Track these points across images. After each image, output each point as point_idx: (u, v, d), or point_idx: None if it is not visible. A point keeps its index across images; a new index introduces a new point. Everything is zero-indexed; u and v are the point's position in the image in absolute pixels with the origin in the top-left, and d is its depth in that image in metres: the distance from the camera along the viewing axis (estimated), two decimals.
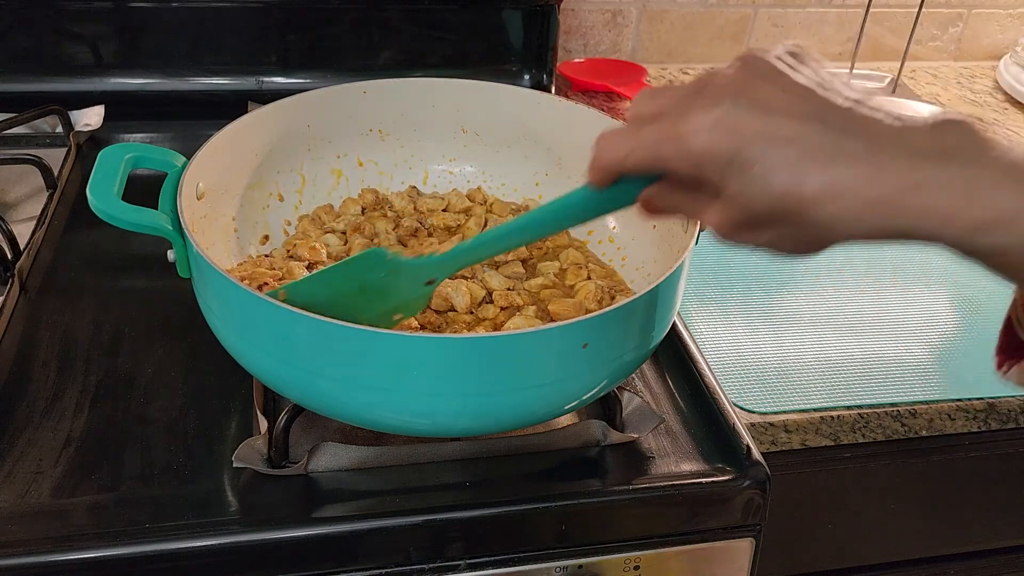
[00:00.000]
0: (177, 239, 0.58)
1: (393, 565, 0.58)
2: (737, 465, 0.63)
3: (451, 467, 0.61)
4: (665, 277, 0.56)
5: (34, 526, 0.55)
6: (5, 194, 0.88)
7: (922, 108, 1.24)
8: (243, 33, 1.04)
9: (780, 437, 0.73)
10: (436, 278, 0.58)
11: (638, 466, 0.63)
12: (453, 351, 0.52)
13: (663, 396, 0.69)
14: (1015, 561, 0.93)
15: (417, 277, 0.57)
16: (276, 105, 0.73)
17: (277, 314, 0.52)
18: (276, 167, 0.75)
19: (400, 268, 0.57)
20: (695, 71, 1.34)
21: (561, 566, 0.60)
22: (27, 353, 0.69)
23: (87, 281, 0.77)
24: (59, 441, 0.61)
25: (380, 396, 0.53)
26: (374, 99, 0.79)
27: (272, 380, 0.58)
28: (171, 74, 1.04)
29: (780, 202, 0.38)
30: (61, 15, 0.99)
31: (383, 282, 0.57)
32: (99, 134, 0.99)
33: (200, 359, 0.69)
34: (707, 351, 0.77)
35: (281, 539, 0.56)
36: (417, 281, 0.57)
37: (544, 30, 1.10)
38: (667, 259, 0.70)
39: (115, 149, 0.61)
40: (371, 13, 1.05)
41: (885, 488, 0.83)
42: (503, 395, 0.54)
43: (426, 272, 0.57)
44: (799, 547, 0.85)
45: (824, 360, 0.78)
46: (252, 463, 0.58)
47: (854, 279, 0.89)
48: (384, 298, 0.58)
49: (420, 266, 0.57)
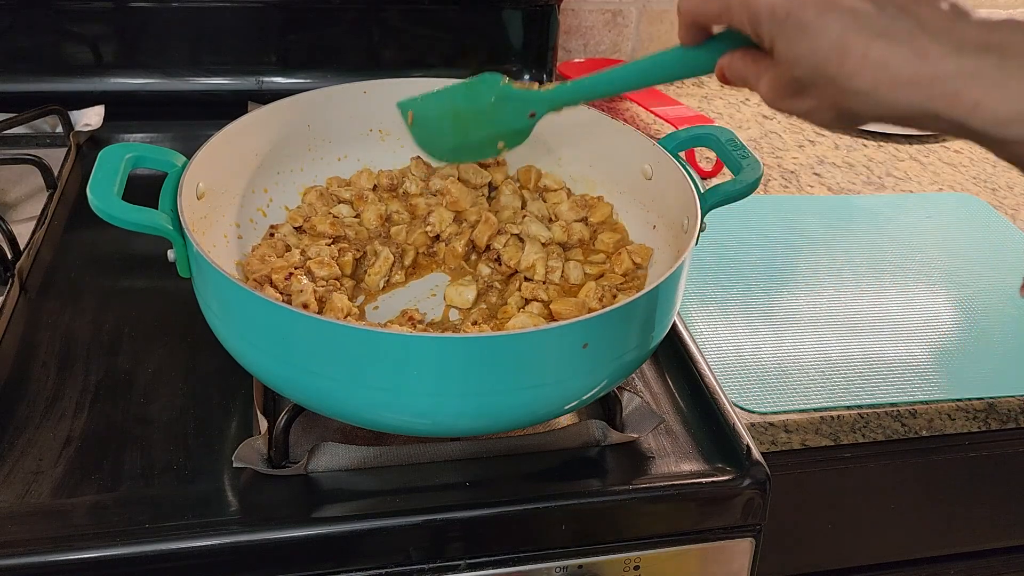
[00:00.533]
0: (177, 239, 0.58)
1: (393, 565, 0.58)
2: (737, 465, 0.63)
3: (451, 467, 0.61)
4: (665, 277, 0.56)
5: (34, 526, 0.55)
6: (5, 194, 0.88)
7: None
8: (243, 33, 1.04)
9: (780, 437, 0.73)
10: (537, 112, 0.61)
11: (638, 466, 0.63)
12: (453, 351, 0.52)
13: (663, 396, 0.69)
14: (1015, 561, 0.93)
15: (522, 108, 0.61)
16: (276, 105, 0.73)
17: (277, 314, 0.52)
18: (276, 167, 0.75)
19: (508, 96, 0.62)
20: None
21: (561, 566, 0.60)
22: (27, 353, 0.69)
23: (87, 281, 0.77)
24: (59, 441, 0.61)
25: (380, 396, 0.53)
26: (374, 99, 0.79)
27: (272, 380, 0.58)
28: (171, 74, 1.04)
29: (821, 66, 0.41)
30: (61, 15, 0.99)
31: (492, 107, 0.62)
32: (99, 134, 0.99)
33: (200, 359, 0.69)
34: (707, 351, 0.77)
35: (281, 539, 0.56)
36: (522, 112, 0.61)
37: (544, 30, 1.10)
38: (667, 259, 0.70)
39: (115, 149, 0.61)
40: (371, 13, 1.05)
41: (885, 488, 0.83)
42: (503, 395, 0.54)
43: (530, 104, 0.61)
44: (799, 547, 0.85)
45: (824, 360, 0.78)
46: (252, 463, 0.58)
47: (854, 279, 0.89)
48: (491, 123, 0.63)
49: (525, 98, 0.61)
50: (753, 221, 0.97)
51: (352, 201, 0.77)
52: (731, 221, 0.96)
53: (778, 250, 0.93)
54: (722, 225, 0.94)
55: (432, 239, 0.74)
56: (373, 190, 0.79)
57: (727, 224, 0.95)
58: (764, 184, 1.05)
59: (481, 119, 0.63)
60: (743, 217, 0.97)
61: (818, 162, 1.12)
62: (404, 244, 0.74)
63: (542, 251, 0.72)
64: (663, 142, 0.71)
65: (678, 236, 0.67)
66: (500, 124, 0.63)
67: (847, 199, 1.04)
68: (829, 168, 1.11)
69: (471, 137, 0.64)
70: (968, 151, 1.18)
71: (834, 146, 1.16)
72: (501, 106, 0.62)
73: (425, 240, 0.74)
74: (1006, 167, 1.14)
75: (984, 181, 1.11)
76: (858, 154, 1.15)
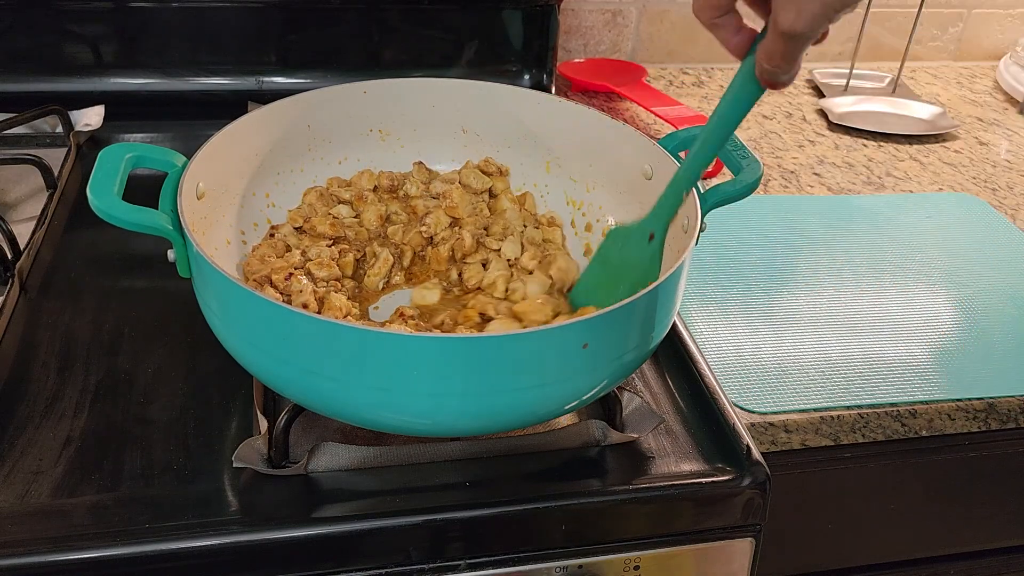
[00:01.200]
0: (177, 239, 0.58)
1: (393, 565, 0.58)
2: (737, 465, 0.63)
3: (451, 467, 0.61)
4: (665, 277, 0.56)
5: (34, 526, 0.55)
6: (5, 194, 0.88)
7: (922, 110, 1.24)
8: (243, 33, 1.04)
9: (780, 437, 0.73)
10: (655, 231, 0.61)
11: (638, 466, 0.63)
12: (453, 351, 0.52)
13: (663, 396, 0.69)
14: (1015, 561, 0.93)
15: (641, 237, 0.62)
16: (276, 105, 0.73)
17: (277, 314, 0.52)
18: (276, 167, 0.75)
19: (628, 234, 0.63)
20: (695, 71, 1.34)
21: (561, 566, 0.60)
22: (27, 353, 0.69)
23: (87, 281, 0.77)
24: (59, 441, 0.61)
25: (380, 396, 0.53)
26: (374, 99, 0.79)
27: (272, 380, 0.58)
28: (171, 74, 1.04)
29: None
30: (61, 15, 0.99)
31: (622, 254, 0.63)
32: (99, 134, 0.99)
33: (200, 359, 0.69)
34: (707, 351, 0.77)
35: (281, 539, 0.56)
36: (642, 242, 0.62)
37: (544, 30, 1.10)
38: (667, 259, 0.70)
39: (115, 149, 0.61)
40: (371, 13, 1.05)
41: (885, 488, 0.83)
42: (503, 395, 0.54)
43: (645, 228, 0.62)
44: (799, 547, 0.85)
45: (824, 360, 0.78)
46: (252, 463, 0.58)
47: (854, 279, 0.89)
48: (630, 270, 0.63)
49: (640, 226, 0.62)
50: (753, 221, 0.97)
51: (352, 202, 0.77)
52: (731, 221, 0.96)
53: (778, 250, 0.93)
54: (722, 225, 0.94)
55: (427, 240, 0.75)
56: (374, 191, 0.79)
57: (727, 224, 0.95)
58: (764, 184, 1.05)
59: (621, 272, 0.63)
60: (743, 217, 0.97)
61: (818, 162, 1.12)
62: (400, 243, 0.74)
63: (507, 269, 0.71)
64: (663, 142, 0.71)
65: (678, 236, 0.67)
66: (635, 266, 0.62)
67: (847, 199, 1.04)
68: (829, 168, 1.11)
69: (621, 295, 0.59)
70: (968, 151, 1.18)
71: (834, 146, 1.16)
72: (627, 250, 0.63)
73: (420, 241, 0.74)
74: (1006, 167, 1.14)
75: (984, 181, 1.11)
76: (858, 154, 1.15)
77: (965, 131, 1.23)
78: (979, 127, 1.25)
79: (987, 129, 1.24)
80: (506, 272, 0.71)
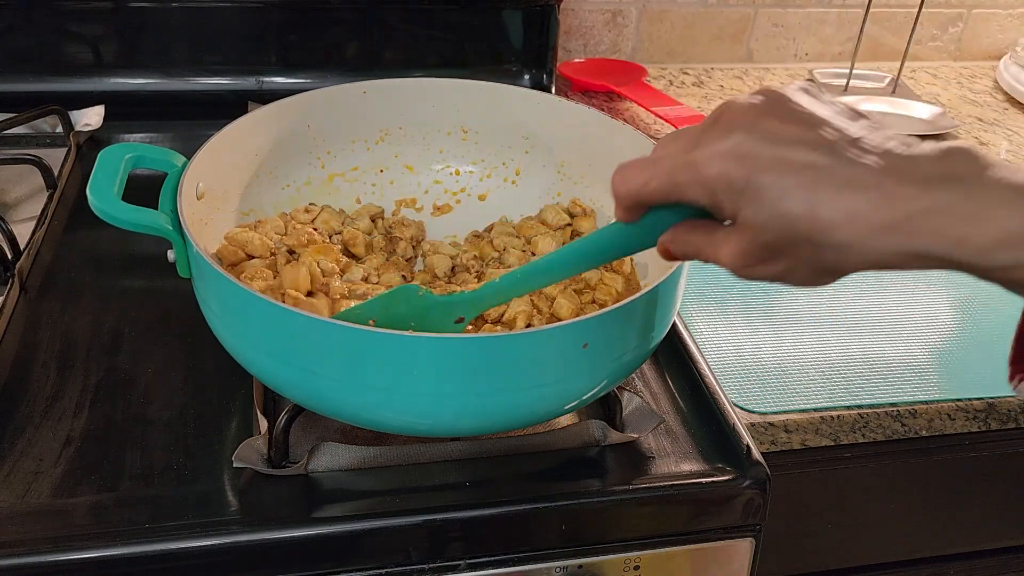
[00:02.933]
0: (177, 239, 0.58)
1: (393, 565, 0.58)
2: (737, 465, 0.63)
3: (451, 467, 0.61)
4: (665, 277, 0.56)
5: (34, 526, 0.55)
6: (5, 194, 0.88)
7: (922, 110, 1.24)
8: (243, 33, 1.04)
9: (780, 437, 0.73)
10: (465, 317, 0.59)
11: (638, 466, 0.63)
12: (453, 351, 0.52)
13: (663, 396, 0.69)
14: (1015, 561, 0.93)
15: (447, 314, 0.59)
16: (276, 105, 0.73)
17: (277, 314, 0.52)
18: (276, 167, 0.75)
19: (430, 305, 0.59)
20: (695, 71, 1.34)
21: (561, 566, 0.60)
22: (27, 353, 0.69)
23: (87, 281, 0.77)
24: (59, 441, 0.61)
25: (380, 396, 0.53)
26: (374, 99, 0.79)
27: (272, 380, 0.58)
28: (171, 74, 1.04)
29: (794, 227, 0.39)
30: (61, 15, 0.99)
31: (418, 315, 0.59)
32: (99, 134, 0.99)
33: (200, 359, 0.69)
34: (707, 351, 0.77)
35: (281, 539, 0.56)
36: (448, 318, 0.59)
37: (544, 30, 1.10)
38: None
39: (115, 149, 0.61)
40: (371, 13, 1.05)
41: (885, 488, 0.83)
42: (503, 395, 0.54)
43: (456, 310, 0.59)
44: (799, 547, 0.85)
45: (824, 360, 0.78)
46: (252, 463, 0.58)
47: (854, 279, 0.89)
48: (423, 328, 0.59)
49: (449, 304, 0.59)
50: None
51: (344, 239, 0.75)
52: None
53: None
54: None
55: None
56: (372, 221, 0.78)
57: None
58: None
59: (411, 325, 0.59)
60: None
61: None
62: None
63: (528, 305, 0.67)
64: None
65: None
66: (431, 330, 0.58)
67: None
68: None
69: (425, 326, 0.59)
70: None
71: None
72: (426, 315, 0.59)
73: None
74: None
75: None
76: None
77: (965, 131, 1.23)
78: (979, 127, 1.25)
79: (987, 129, 1.24)
80: (528, 309, 0.66)
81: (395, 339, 0.51)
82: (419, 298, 0.59)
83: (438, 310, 0.59)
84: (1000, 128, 1.25)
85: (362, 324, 0.54)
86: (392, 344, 0.51)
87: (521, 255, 0.73)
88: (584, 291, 0.69)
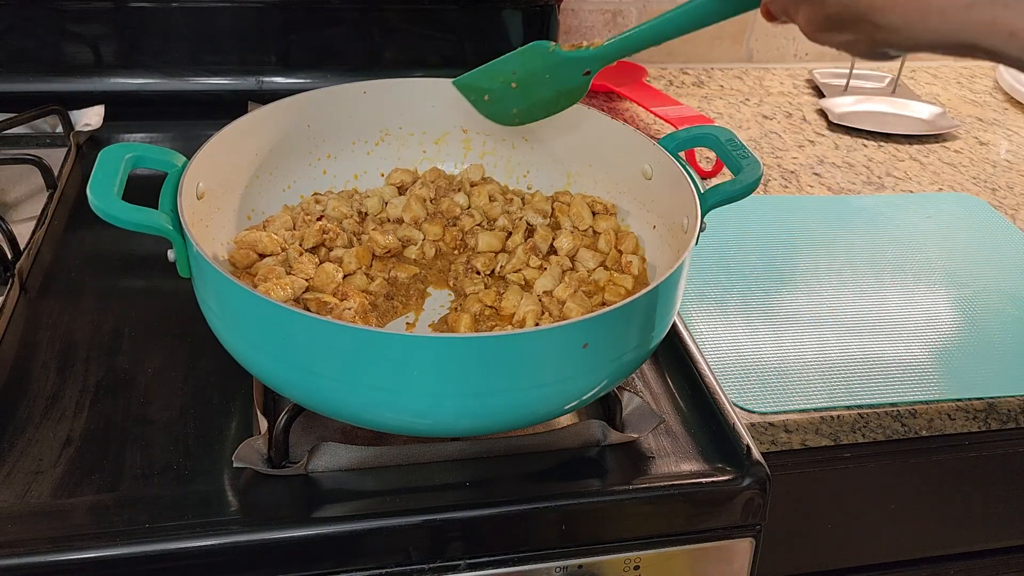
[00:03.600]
0: (177, 239, 0.58)
1: (393, 565, 0.58)
2: (737, 465, 0.63)
3: (451, 467, 0.61)
4: (665, 277, 0.56)
5: (34, 526, 0.55)
6: (5, 194, 0.88)
7: (922, 110, 1.24)
8: (243, 33, 1.04)
9: (780, 437, 0.73)
10: (591, 69, 0.67)
11: (638, 466, 0.63)
12: (453, 351, 0.52)
13: (663, 396, 0.69)
14: (1015, 561, 0.93)
15: (576, 68, 0.67)
16: (276, 105, 0.73)
17: (277, 314, 0.52)
18: (276, 167, 0.75)
19: (560, 60, 0.67)
20: (695, 71, 1.34)
21: (561, 566, 0.60)
22: (27, 353, 0.69)
23: (87, 281, 0.77)
24: (59, 441, 0.61)
25: (380, 396, 0.53)
26: (374, 99, 0.79)
27: (272, 380, 0.58)
28: (171, 74, 1.04)
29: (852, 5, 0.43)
30: (61, 15, 1.00)
31: (545, 73, 0.68)
32: (99, 134, 0.99)
33: (200, 359, 0.69)
34: (707, 351, 0.77)
35: (281, 539, 0.56)
36: (576, 71, 0.68)
37: (544, 30, 1.10)
38: (667, 259, 0.70)
39: (115, 149, 0.61)
40: (371, 13, 1.05)
41: (885, 488, 0.83)
42: (503, 395, 0.54)
43: (583, 64, 0.67)
44: (799, 547, 0.85)
45: (824, 360, 0.78)
46: (252, 463, 0.58)
47: (854, 279, 0.89)
48: (548, 86, 0.69)
49: (578, 58, 0.67)
50: (753, 221, 0.97)
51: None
52: (731, 221, 0.96)
53: (778, 250, 0.93)
54: (722, 225, 0.94)
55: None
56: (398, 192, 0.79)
57: (727, 224, 0.95)
58: (764, 184, 1.05)
59: (540, 83, 0.69)
60: (743, 217, 0.97)
61: (818, 162, 1.12)
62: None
63: (537, 306, 0.67)
64: (663, 142, 0.71)
65: (678, 236, 0.67)
66: (556, 86, 0.68)
67: (847, 199, 1.04)
68: (829, 168, 1.11)
69: (534, 99, 0.69)
70: (968, 151, 1.18)
71: (834, 146, 1.16)
72: (556, 69, 0.67)
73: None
74: (1006, 167, 1.14)
75: (984, 181, 1.11)
76: (858, 154, 1.15)
77: (965, 131, 1.23)
78: (979, 127, 1.25)
79: (987, 129, 1.24)
80: (536, 309, 0.66)
81: (395, 339, 0.51)
82: (550, 53, 0.67)
83: (568, 65, 0.67)
84: (1000, 128, 1.25)
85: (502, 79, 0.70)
86: (392, 344, 0.51)
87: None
88: (594, 294, 0.69)
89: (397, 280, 0.71)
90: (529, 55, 0.68)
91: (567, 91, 0.69)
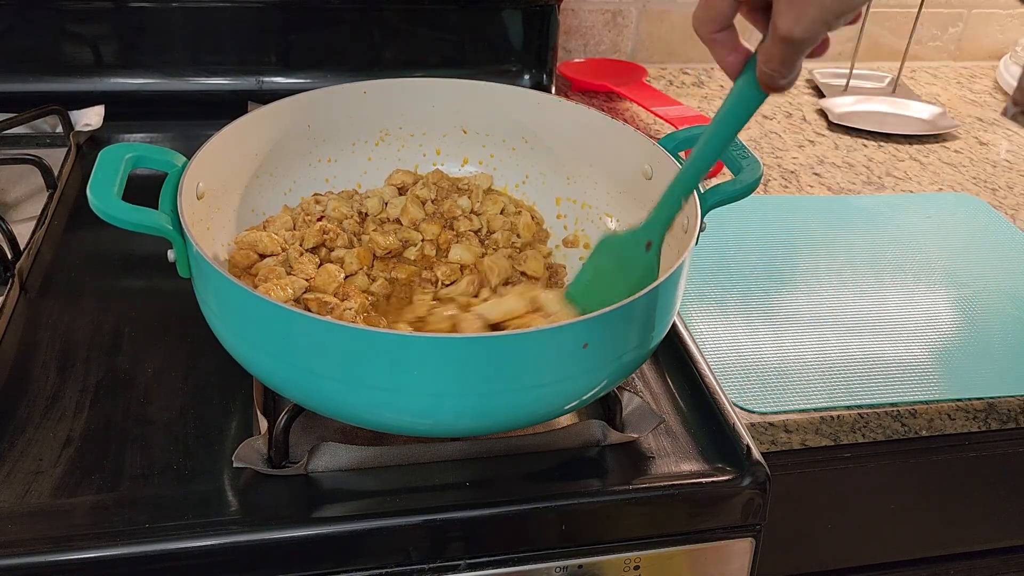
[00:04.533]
0: (177, 239, 0.58)
1: (393, 565, 0.58)
2: (737, 465, 0.63)
3: (451, 467, 0.61)
4: (665, 277, 0.56)
5: (34, 526, 0.55)
6: (5, 194, 0.88)
7: (922, 110, 1.24)
8: (243, 33, 1.04)
9: (780, 437, 0.73)
10: (652, 240, 0.61)
11: (638, 466, 0.63)
12: (453, 351, 0.52)
13: (663, 396, 0.69)
14: (1015, 561, 0.93)
15: (637, 245, 0.61)
16: (276, 105, 0.73)
17: (277, 314, 0.52)
18: (276, 167, 0.75)
19: (622, 243, 0.62)
20: (695, 71, 1.34)
21: (561, 566, 0.60)
22: (27, 353, 0.69)
23: (87, 281, 0.77)
24: (59, 441, 0.61)
25: (380, 396, 0.53)
26: (374, 99, 0.78)
27: (272, 380, 0.58)
28: (171, 74, 1.04)
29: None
30: (61, 15, 1.00)
31: (618, 263, 0.63)
32: (99, 134, 0.99)
33: (200, 359, 0.69)
34: (707, 351, 0.77)
35: (281, 539, 0.56)
36: (638, 249, 0.61)
37: (544, 30, 1.10)
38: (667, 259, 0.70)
39: (115, 149, 0.61)
40: (371, 13, 1.05)
41: (885, 488, 0.83)
42: (503, 395, 0.54)
43: (640, 238, 0.61)
44: (799, 547, 0.85)
45: (824, 360, 0.78)
46: (252, 463, 0.58)
47: (854, 279, 0.89)
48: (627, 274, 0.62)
49: (634, 235, 0.62)
50: (753, 221, 0.97)
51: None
52: (731, 221, 0.96)
53: (778, 250, 0.93)
54: (722, 225, 0.94)
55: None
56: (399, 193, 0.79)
57: (727, 224, 0.95)
58: (764, 184, 1.05)
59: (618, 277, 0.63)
60: (743, 217, 0.97)
61: (818, 162, 1.12)
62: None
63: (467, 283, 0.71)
64: (663, 142, 0.71)
65: (678, 236, 0.67)
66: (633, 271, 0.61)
67: (847, 199, 1.04)
68: (829, 168, 1.11)
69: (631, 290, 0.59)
70: (968, 151, 1.18)
71: (834, 146, 1.16)
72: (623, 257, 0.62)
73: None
74: (1006, 167, 1.14)
75: (984, 181, 1.11)
76: (858, 154, 1.15)
77: (965, 131, 1.23)
78: (979, 127, 1.25)
79: (987, 129, 1.24)
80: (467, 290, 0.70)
81: (395, 339, 0.51)
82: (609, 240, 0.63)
83: (629, 246, 0.62)
84: (1000, 128, 1.25)
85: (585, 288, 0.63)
86: (392, 344, 0.51)
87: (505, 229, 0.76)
88: None
89: (398, 280, 0.71)
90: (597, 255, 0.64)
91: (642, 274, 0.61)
